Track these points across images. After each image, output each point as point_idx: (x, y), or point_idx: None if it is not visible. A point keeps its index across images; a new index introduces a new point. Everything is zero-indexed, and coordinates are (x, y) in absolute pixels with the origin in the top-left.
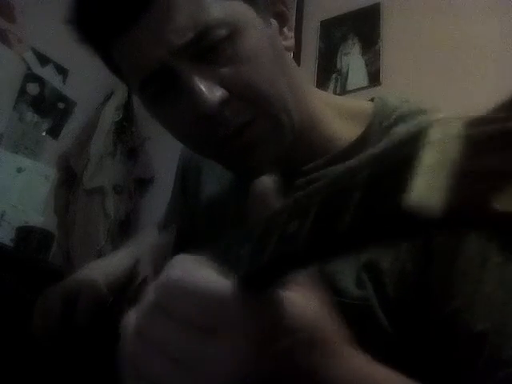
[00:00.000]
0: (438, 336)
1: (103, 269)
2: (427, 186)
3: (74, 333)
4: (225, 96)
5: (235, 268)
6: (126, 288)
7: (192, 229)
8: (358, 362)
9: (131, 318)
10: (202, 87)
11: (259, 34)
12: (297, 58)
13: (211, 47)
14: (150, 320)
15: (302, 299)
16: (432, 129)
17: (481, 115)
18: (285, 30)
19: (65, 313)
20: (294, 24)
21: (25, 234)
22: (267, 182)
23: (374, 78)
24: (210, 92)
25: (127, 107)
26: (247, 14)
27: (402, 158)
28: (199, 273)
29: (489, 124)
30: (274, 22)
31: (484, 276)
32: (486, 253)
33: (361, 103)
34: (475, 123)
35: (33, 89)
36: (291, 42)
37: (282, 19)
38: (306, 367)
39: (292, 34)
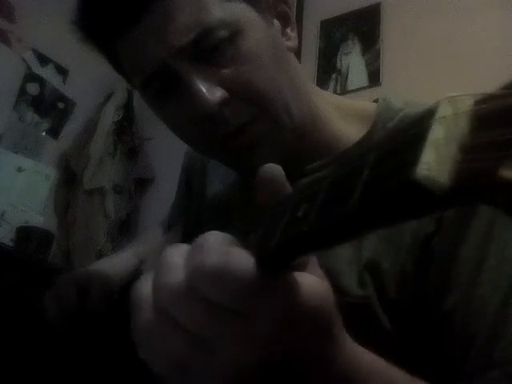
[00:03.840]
0: (432, 335)
1: (109, 267)
2: (436, 159)
3: (87, 319)
4: (224, 96)
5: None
6: (130, 287)
7: (197, 228)
8: (365, 355)
9: (146, 287)
10: (202, 88)
11: (260, 35)
12: (297, 57)
13: (212, 48)
14: (173, 295)
15: (319, 284)
16: (442, 105)
17: (490, 92)
18: (288, 30)
19: (79, 299)
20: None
21: (25, 234)
22: (274, 168)
23: (374, 78)
24: (210, 92)
25: (127, 107)
26: (249, 14)
27: (412, 134)
28: (238, 257)
29: (497, 100)
30: (276, 22)
31: (479, 278)
32: (482, 255)
33: (364, 104)
34: (484, 99)
35: (33, 89)
36: (294, 43)
37: (284, 19)
38: (317, 355)
39: (295, 35)
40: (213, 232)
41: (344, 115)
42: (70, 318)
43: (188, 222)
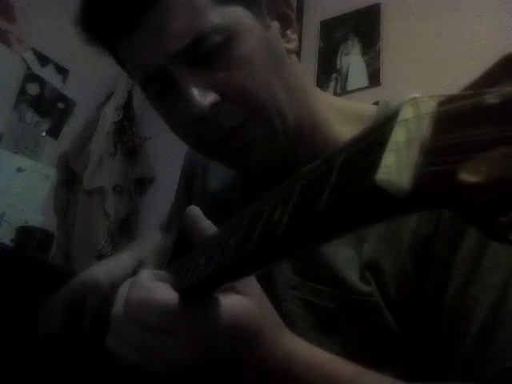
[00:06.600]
0: (431, 334)
1: (107, 271)
2: (397, 162)
3: (81, 334)
4: (216, 100)
5: (185, 281)
6: None
7: None
8: (303, 350)
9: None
10: (195, 91)
11: (255, 39)
12: (297, 58)
13: (207, 53)
14: (122, 324)
15: (241, 304)
16: (404, 107)
17: (451, 93)
18: (288, 32)
19: (71, 315)
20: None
21: (25, 234)
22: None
23: (374, 78)
24: (202, 96)
25: (127, 107)
26: (244, 19)
27: (375, 137)
28: (156, 291)
29: (459, 101)
30: (275, 24)
31: (473, 278)
32: (478, 256)
33: (365, 106)
34: (446, 101)
35: (33, 89)
36: (294, 45)
37: (285, 21)
38: (243, 361)
39: (295, 36)
40: (144, 271)
41: (344, 117)
42: (59, 335)
43: None
